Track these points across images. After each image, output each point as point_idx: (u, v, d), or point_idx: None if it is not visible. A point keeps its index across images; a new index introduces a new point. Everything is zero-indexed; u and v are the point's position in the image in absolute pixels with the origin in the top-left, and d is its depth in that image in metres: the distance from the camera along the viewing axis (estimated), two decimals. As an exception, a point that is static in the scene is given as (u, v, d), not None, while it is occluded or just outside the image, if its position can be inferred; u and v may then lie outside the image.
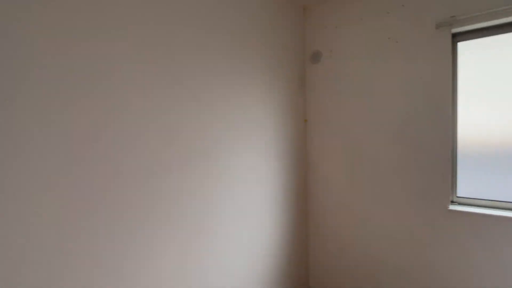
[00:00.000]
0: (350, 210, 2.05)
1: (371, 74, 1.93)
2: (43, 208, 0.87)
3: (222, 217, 1.50)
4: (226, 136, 1.53)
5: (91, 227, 0.98)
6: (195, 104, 1.35)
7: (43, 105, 0.87)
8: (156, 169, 1.17)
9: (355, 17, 1.97)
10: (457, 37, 1.69)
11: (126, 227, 1.07)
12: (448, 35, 1.66)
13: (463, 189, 1.73)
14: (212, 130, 1.45)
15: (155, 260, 1.17)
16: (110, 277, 1.03)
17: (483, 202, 1.68)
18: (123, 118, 1.07)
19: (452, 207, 1.70)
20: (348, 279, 2.07)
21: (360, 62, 1.97)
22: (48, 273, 0.88)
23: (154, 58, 1.17)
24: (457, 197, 1.76)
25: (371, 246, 1.97)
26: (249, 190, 1.70)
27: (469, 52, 1.67)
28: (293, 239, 2.08)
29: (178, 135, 1.27)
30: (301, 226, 2.18)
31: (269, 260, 1.84)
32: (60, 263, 0.91)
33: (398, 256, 1.86)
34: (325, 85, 2.14)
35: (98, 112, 1.00)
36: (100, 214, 1.00)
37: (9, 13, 0.82)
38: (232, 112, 1.58)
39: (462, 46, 1.69)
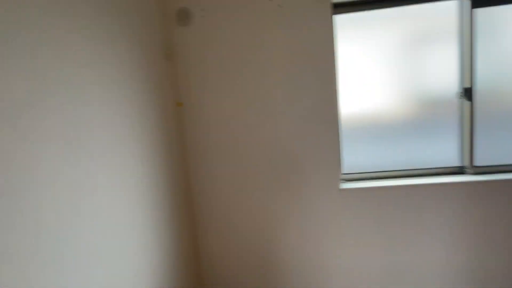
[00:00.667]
0: (242, 203, 1.71)
1: (254, 41, 1.59)
2: None
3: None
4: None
5: None
6: None
7: None
8: None
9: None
10: (337, 9, 1.61)
11: None
12: (328, 5, 1.54)
13: (346, 165, 1.75)
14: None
15: None
16: None
17: (367, 175, 1.75)
18: None
19: (343, 185, 1.68)
20: (242, 268, 1.77)
21: (239, 25, 1.59)
22: None
23: None
24: (343, 174, 1.76)
25: (264, 235, 1.73)
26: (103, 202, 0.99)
27: (348, 25, 1.63)
28: (178, 240, 1.55)
29: None
30: (187, 226, 1.67)
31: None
32: None
33: (291, 249, 1.71)
34: (201, 55, 1.63)
35: None
36: None
37: None
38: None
39: (340, 19, 1.63)
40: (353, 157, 1.73)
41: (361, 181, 1.73)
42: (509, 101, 1.63)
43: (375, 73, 1.67)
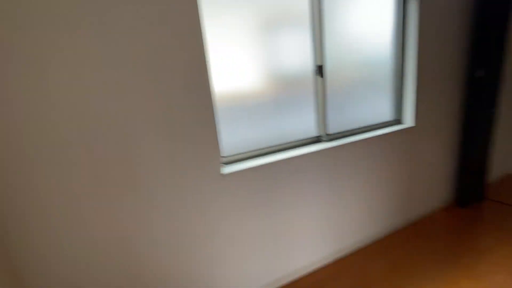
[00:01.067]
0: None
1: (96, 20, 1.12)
2: None
3: None
4: None
5: None
6: None
7: None
8: None
9: None
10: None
11: None
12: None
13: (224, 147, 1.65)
14: None
15: None
16: None
17: (243, 155, 1.70)
18: None
19: (224, 170, 1.57)
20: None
21: None
22: None
23: None
24: (222, 157, 1.65)
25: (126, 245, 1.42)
26: None
27: (213, 5, 1.42)
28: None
29: None
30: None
31: None
32: None
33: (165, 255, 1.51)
34: None
35: None
36: None
37: None
38: None
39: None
40: (228, 138, 1.65)
41: (239, 162, 1.67)
42: (352, 76, 1.97)
43: (241, 55, 1.59)
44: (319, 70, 1.81)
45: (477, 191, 2.67)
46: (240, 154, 1.69)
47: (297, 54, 1.76)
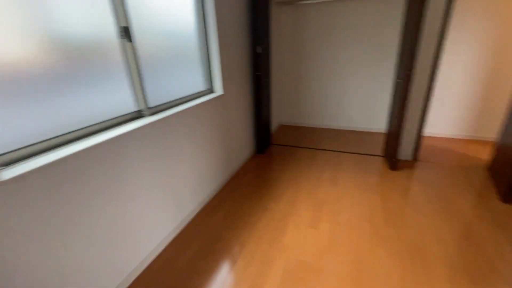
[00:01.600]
0: None
1: None
2: None
3: None
4: None
5: None
6: None
7: None
8: None
9: None
10: None
11: None
12: None
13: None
14: None
15: None
16: None
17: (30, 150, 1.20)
18: None
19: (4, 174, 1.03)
20: None
21: None
22: None
23: None
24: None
25: None
26: None
27: None
28: None
29: None
30: None
31: None
32: None
33: None
34: None
35: None
36: None
37: None
38: None
39: None
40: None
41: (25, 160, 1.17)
42: (162, 45, 1.84)
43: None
44: (125, 32, 1.55)
45: (267, 139, 3.63)
46: (22, 148, 1.18)
47: (92, 11, 1.38)
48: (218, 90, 2.51)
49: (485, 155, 3.17)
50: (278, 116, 4.58)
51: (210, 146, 2.42)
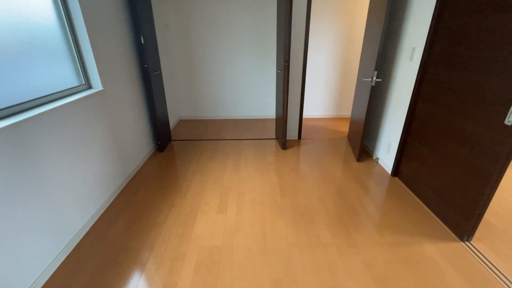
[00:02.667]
0: None
1: None
2: None
3: None
4: None
5: None
6: None
7: None
8: None
9: None
10: None
11: None
12: None
13: None
14: None
15: None
16: None
17: None
18: None
19: None
20: None
21: None
22: None
23: None
24: None
25: None
26: None
27: None
28: None
29: None
30: None
31: None
32: None
33: None
34: None
35: None
36: None
37: None
38: None
39: None
40: None
41: None
42: (14, 37, 1.43)
43: None
44: None
45: (166, 136, 3.46)
46: None
47: None
48: (97, 85, 2.19)
49: (346, 128, 4.10)
50: (177, 111, 4.42)
51: (95, 150, 2.10)
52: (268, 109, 4.51)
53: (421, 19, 2.22)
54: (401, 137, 2.51)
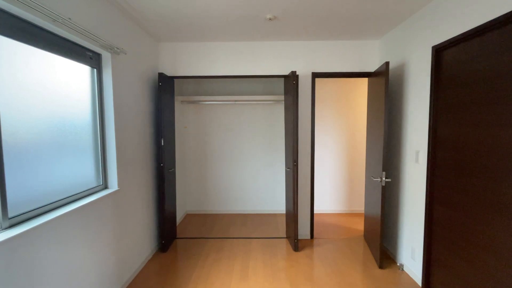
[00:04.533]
0: None
1: None
2: None
3: None
4: None
5: None
6: None
7: None
8: None
9: None
10: None
11: None
12: None
13: None
14: None
15: None
16: None
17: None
18: None
19: None
20: None
21: None
22: None
23: None
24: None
25: None
26: None
27: None
28: None
29: None
30: None
31: None
32: None
33: None
34: None
35: None
36: None
37: None
38: None
39: None
40: None
41: None
42: (42, 136, 1.61)
43: None
44: (-10, 130, 1.31)
45: (171, 234, 3.30)
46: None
47: None
48: (113, 185, 2.26)
49: (360, 226, 3.87)
50: (185, 205, 4.38)
51: (96, 255, 1.98)
52: (277, 204, 4.43)
53: (419, 127, 2.41)
54: (424, 242, 2.30)
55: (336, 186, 4.39)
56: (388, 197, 2.99)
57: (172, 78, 3.30)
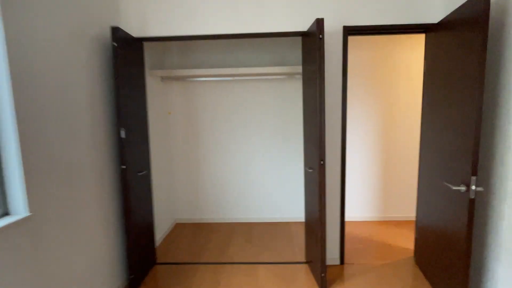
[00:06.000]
0: None
1: None
2: None
3: None
4: None
5: None
6: None
7: None
8: None
9: None
10: None
11: None
12: None
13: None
14: None
15: None
16: None
17: None
18: None
19: None
20: None
21: None
22: None
23: None
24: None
25: None
26: None
27: None
28: None
29: None
30: None
31: None
32: None
33: None
34: None
35: None
36: None
37: None
38: None
39: None
40: None
41: None
42: None
43: None
44: None
45: (148, 260, 2.39)
46: None
47: None
48: (19, 209, 1.32)
49: (404, 240, 2.90)
50: (174, 213, 3.46)
51: None
52: (290, 210, 3.47)
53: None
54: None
55: (367, 186, 3.39)
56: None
57: (141, 40, 2.29)
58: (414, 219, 2.99)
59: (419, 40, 3.11)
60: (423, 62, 2.65)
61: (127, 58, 2.09)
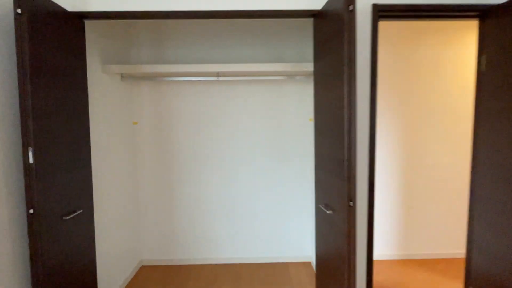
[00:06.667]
0: None
1: None
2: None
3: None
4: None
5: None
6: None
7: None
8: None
9: None
10: None
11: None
12: None
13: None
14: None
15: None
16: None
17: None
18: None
19: None
20: None
21: None
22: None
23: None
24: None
25: None
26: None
27: None
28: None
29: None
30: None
31: None
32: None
33: None
34: None
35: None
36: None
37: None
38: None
39: None
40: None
41: None
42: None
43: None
44: None
45: None
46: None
47: None
48: None
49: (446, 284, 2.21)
50: (139, 253, 2.65)
51: None
52: (288, 248, 2.73)
53: None
54: None
55: (387, 218, 2.71)
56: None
57: (79, 17, 1.56)
58: (444, 256, 2.32)
59: (450, 33, 2.51)
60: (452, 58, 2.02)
61: (53, 40, 1.35)
